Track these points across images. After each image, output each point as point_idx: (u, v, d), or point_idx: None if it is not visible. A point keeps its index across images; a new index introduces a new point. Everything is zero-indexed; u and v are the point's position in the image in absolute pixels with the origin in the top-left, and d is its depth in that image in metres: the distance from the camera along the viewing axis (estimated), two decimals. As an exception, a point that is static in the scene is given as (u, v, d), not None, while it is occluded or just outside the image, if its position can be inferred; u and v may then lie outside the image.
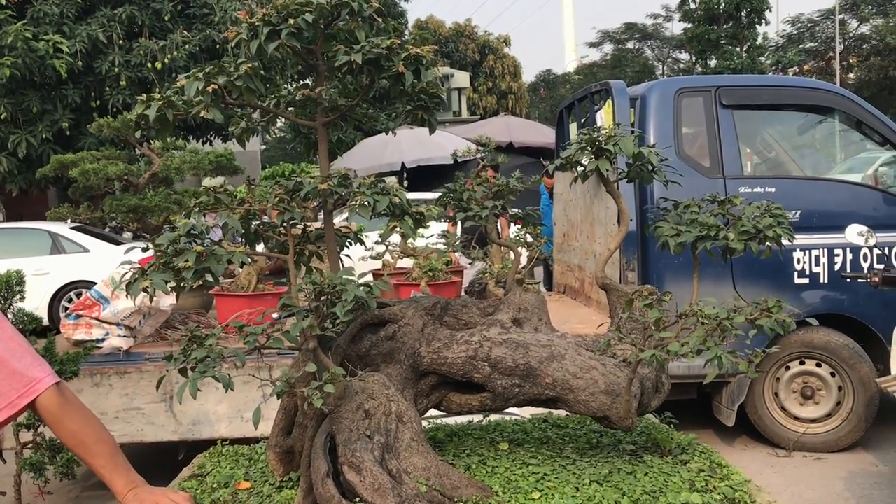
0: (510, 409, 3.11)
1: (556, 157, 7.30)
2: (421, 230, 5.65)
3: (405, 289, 5.09)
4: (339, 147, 2.43)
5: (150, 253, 2.00)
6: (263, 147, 29.17)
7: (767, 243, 2.10)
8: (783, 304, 1.90)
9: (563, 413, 2.64)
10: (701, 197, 2.31)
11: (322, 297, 1.83)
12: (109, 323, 4.80)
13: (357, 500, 1.80)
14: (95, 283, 5.16)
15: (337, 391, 1.81)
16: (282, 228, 2.26)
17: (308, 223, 2.36)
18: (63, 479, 3.99)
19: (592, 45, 39.15)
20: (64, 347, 4.73)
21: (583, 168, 2.20)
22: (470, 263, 6.60)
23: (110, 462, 2.00)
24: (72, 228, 11.16)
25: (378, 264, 5.87)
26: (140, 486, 2.02)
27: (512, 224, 7.26)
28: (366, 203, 1.92)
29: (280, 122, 22.46)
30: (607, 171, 2.12)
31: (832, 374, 5.51)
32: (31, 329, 3.78)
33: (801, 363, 5.56)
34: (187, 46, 14.30)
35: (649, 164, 2.20)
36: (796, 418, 5.61)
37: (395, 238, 5.81)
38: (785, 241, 2.17)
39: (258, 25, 1.94)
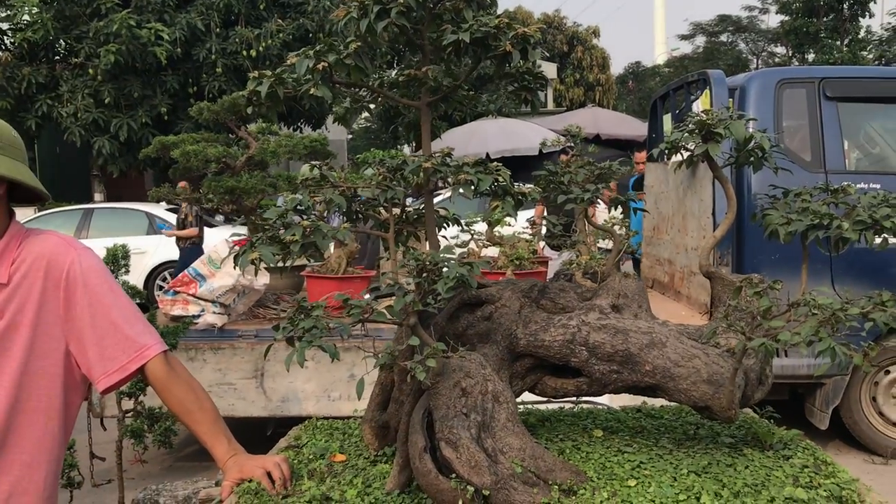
0: (600, 399, 3.08)
1: (649, 147, 7.16)
2: (508, 218, 5.63)
3: (490, 277, 5.09)
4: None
5: (243, 237, 2.05)
6: (350, 136, 29.61)
7: (884, 235, 2.01)
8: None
9: (657, 404, 2.59)
10: (812, 186, 2.23)
11: (424, 274, 1.85)
12: (205, 300, 4.97)
13: (453, 476, 1.81)
14: (190, 265, 5.34)
15: (436, 367, 1.83)
16: (381, 208, 2.29)
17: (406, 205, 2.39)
18: (160, 447, 4.15)
19: (684, 37, 38.28)
20: (162, 322, 4.92)
21: (689, 153, 2.15)
22: (557, 254, 6.55)
23: (212, 429, 2.08)
24: (167, 210, 11.60)
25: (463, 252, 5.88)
26: (240, 454, 2.09)
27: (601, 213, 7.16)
28: (469, 181, 1.93)
29: (367, 113, 22.72)
30: (715, 156, 2.07)
31: (937, 381, 5.27)
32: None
33: (903, 368, 5.33)
34: (281, 35, 14.65)
35: (759, 150, 2.13)
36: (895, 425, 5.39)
37: (480, 227, 5.82)
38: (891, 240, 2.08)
39: (368, 4, 1.96)
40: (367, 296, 2.22)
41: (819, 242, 2.11)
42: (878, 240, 2.05)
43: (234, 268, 2.02)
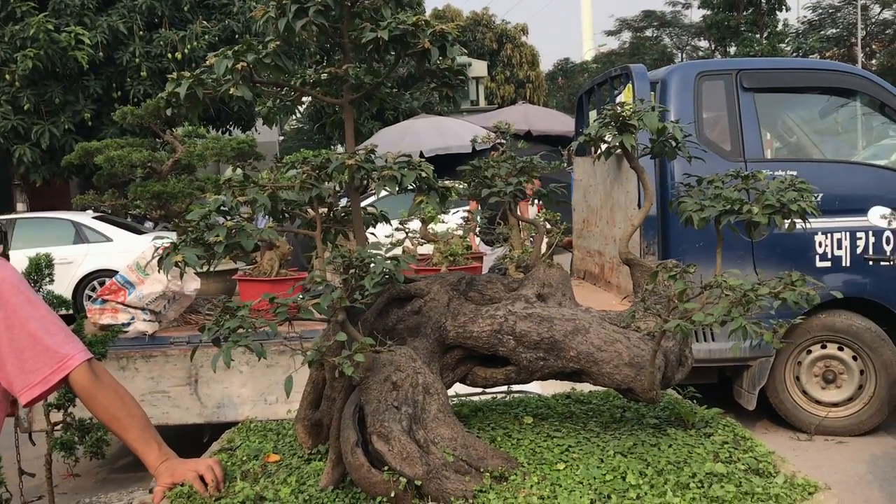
0: (531, 388, 3.14)
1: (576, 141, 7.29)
2: (441, 216, 5.65)
3: (426, 273, 5.12)
4: (357, 136, 2.46)
5: (168, 243, 2.03)
6: (282, 138, 29.30)
7: (792, 218, 2.10)
8: (807, 278, 1.91)
9: (585, 390, 2.66)
10: (724, 173, 2.32)
11: (351, 270, 1.86)
12: (135, 307, 4.88)
13: (386, 468, 1.83)
14: (118, 272, 5.23)
15: (366, 362, 1.85)
16: (308, 207, 2.29)
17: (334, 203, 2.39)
18: (92, 458, 4.06)
19: (610, 33, 39.04)
20: (90, 332, 4.81)
21: (606, 145, 2.22)
22: (491, 250, 6.62)
23: (141, 436, 2.06)
24: (94, 218, 11.32)
25: (398, 251, 5.91)
26: (171, 459, 2.07)
27: (533, 208, 7.27)
28: (394, 177, 1.95)
29: (297, 114, 22.44)
30: (631, 147, 2.14)
31: (854, 358, 5.50)
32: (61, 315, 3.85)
33: (823, 347, 5.55)
34: (207, 37, 14.39)
35: (673, 140, 2.21)
36: (818, 402, 5.61)
37: (415, 224, 5.84)
38: (808, 222, 2.18)
39: (286, 3, 1.96)
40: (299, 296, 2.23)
41: (733, 227, 2.20)
42: (786, 223, 2.14)
43: (160, 271, 2.00)
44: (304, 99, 2.58)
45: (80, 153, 5.71)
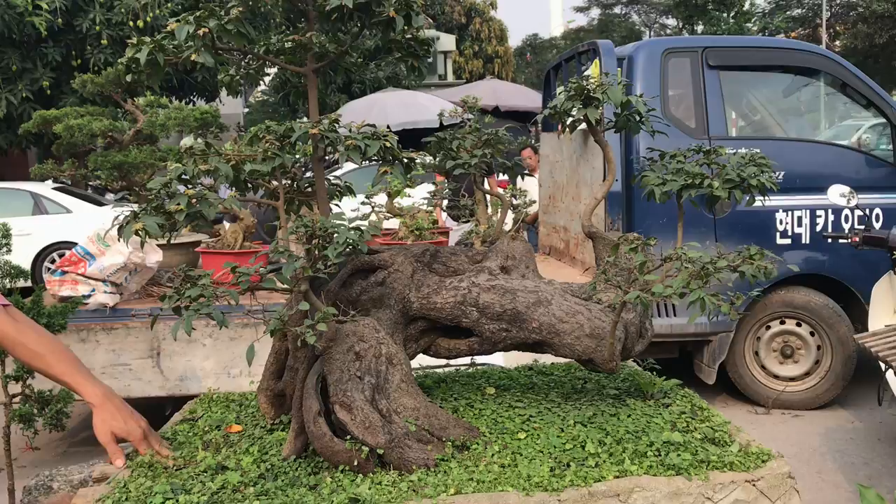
0: (495, 360, 3.16)
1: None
2: (408, 190, 5.62)
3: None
4: (324, 109, 2.43)
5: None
6: (246, 110, 28.90)
7: (752, 192, 2.13)
8: (766, 252, 1.94)
9: (548, 362, 2.69)
10: (686, 148, 2.34)
11: (314, 240, 1.86)
12: (95, 279, 4.81)
13: (348, 437, 1.84)
14: (77, 244, 5.15)
15: (329, 332, 1.85)
16: (271, 177, 2.27)
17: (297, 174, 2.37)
18: (52, 430, 4.01)
19: (579, 9, 38.95)
20: (49, 303, 4.74)
21: (571, 118, 2.22)
22: (457, 225, 6.62)
23: (71, 368, 2.04)
24: (54, 189, 11.10)
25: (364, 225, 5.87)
26: (113, 396, 2.04)
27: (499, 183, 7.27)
28: (358, 147, 1.94)
29: (262, 86, 22.08)
30: (596, 120, 2.14)
31: (812, 334, 5.62)
32: (13, 288, 3.78)
33: (782, 322, 5.66)
34: (169, 4, 14.08)
35: (637, 115, 2.22)
36: (776, 376, 5.73)
37: (381, 198, 5.83)
38: (768, 201, 2.21)
39: (249, -32, 1.93)
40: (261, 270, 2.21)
41: (694, 202, 2.22)
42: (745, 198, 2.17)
43: (120, 240, 1.98)
44: (269, 70, 2.55)
45: (39, 121, 5.58)
